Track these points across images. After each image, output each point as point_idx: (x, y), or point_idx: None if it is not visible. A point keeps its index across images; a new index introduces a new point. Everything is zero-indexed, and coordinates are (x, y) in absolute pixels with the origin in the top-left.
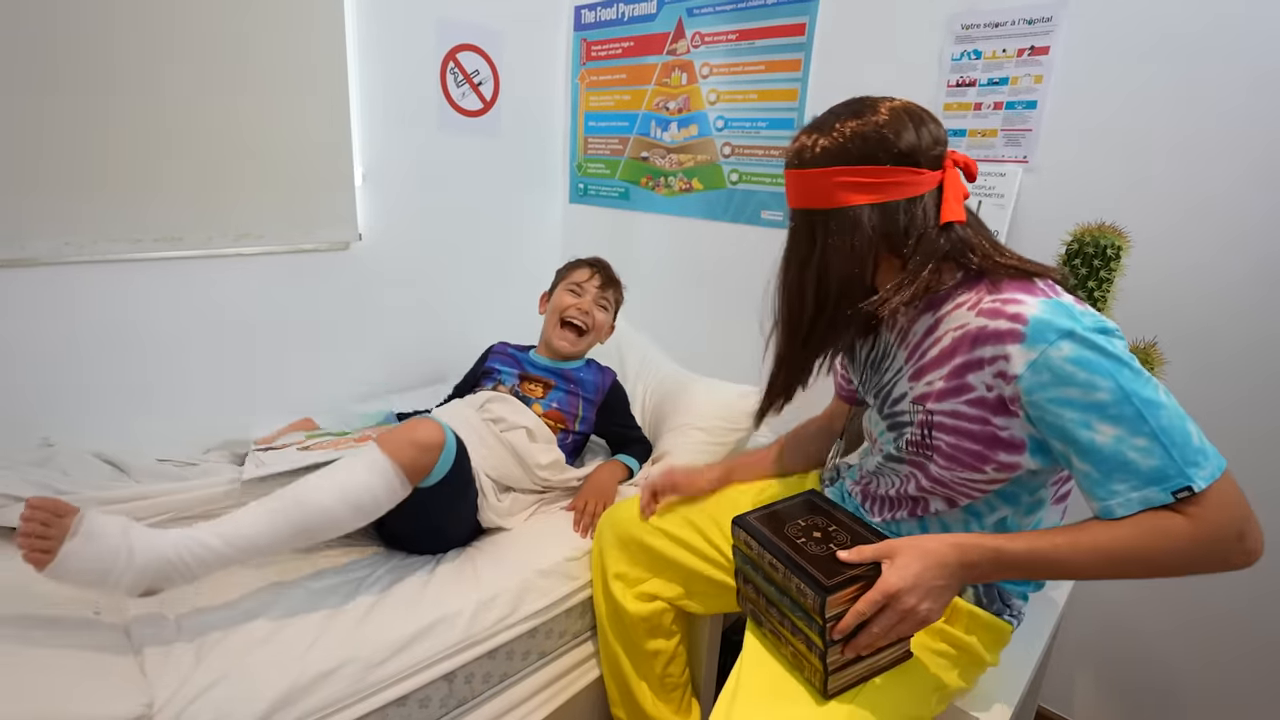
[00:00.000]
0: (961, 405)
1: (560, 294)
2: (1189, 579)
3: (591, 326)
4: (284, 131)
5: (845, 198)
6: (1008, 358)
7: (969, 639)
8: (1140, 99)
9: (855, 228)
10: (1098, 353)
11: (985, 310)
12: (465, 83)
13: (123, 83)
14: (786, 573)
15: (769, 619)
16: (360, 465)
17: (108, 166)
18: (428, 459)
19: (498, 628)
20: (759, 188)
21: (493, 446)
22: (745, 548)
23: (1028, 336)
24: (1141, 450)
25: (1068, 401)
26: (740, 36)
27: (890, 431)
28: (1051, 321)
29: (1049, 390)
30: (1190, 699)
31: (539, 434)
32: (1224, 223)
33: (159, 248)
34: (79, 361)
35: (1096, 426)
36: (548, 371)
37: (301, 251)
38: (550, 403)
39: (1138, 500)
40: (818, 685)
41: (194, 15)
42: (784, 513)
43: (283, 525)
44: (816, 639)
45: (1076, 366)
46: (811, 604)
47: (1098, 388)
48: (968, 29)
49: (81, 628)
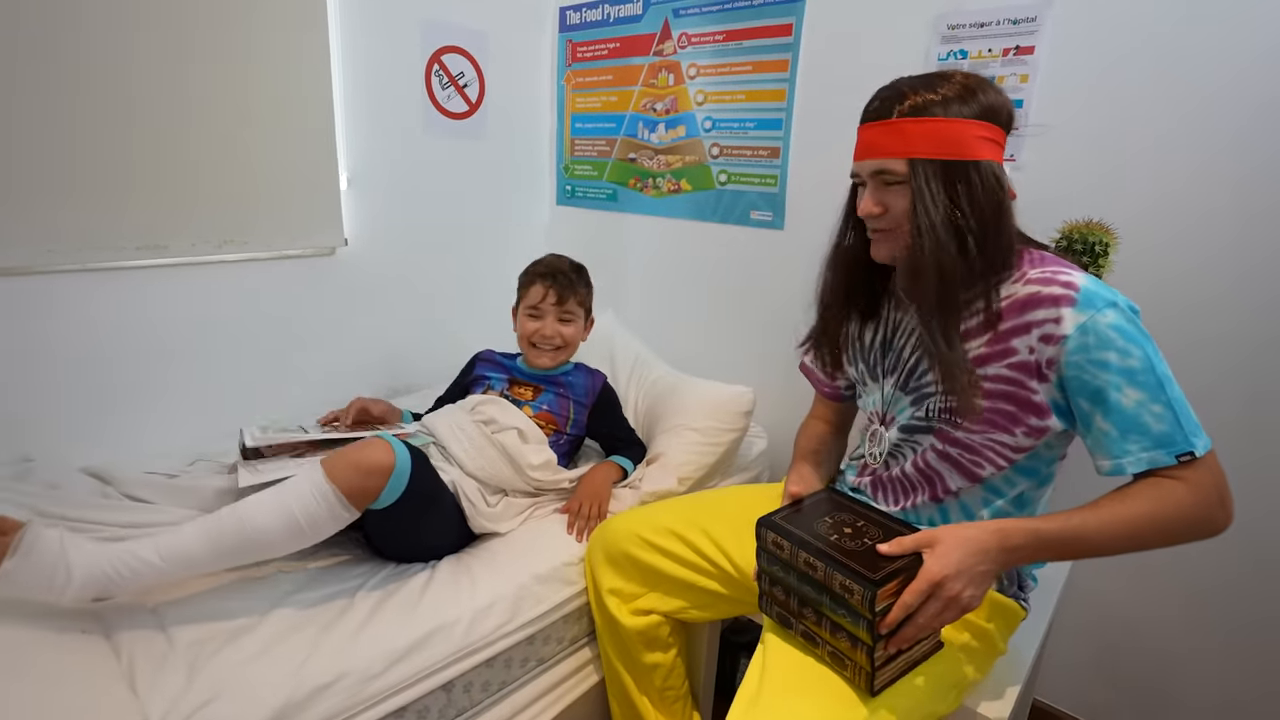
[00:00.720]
0: (1003, 369)
1: (523, 319)
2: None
3: (563, 344)
4: (268, 136)
5: (983, 151)
6: (1059, 320)
7: (989, 626)
8: (1125, 96)
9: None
10: (1134, 326)
11: (1035, 279)
12: (450, 85)
13: (102, 88)
14: (827, 570)
15: (802, 621)
16: (304, 489)
17: (88, 173)
18: (373, 484)
19: (495, 635)
20: (748, 188)
21: (484, 449)
22: (775, 549)
23: (1079, 302)
24: (1156, 416)
25: (1105, 364)
26: (727, 37)
27: (912, 406)
28: (1099, 292)
29: (1092, 352)
30: (1183, 688)
31: (530, 435)
32: (1210, 218)
33: (142, 255)
34: (61, 372)
35: (1125, 390)
36: (536, 377)
37: (287, 258)
38: (540, 405)
39: (1146, 460)
40: (863, 684)
41: (174, 19)
42: (809, 511)
43: (222, 545)
44: (864, 635)
45: (1117, 333)
46: (859, 600)
47: (1131, 355)
48: (954, 29)
49: (68, 646)
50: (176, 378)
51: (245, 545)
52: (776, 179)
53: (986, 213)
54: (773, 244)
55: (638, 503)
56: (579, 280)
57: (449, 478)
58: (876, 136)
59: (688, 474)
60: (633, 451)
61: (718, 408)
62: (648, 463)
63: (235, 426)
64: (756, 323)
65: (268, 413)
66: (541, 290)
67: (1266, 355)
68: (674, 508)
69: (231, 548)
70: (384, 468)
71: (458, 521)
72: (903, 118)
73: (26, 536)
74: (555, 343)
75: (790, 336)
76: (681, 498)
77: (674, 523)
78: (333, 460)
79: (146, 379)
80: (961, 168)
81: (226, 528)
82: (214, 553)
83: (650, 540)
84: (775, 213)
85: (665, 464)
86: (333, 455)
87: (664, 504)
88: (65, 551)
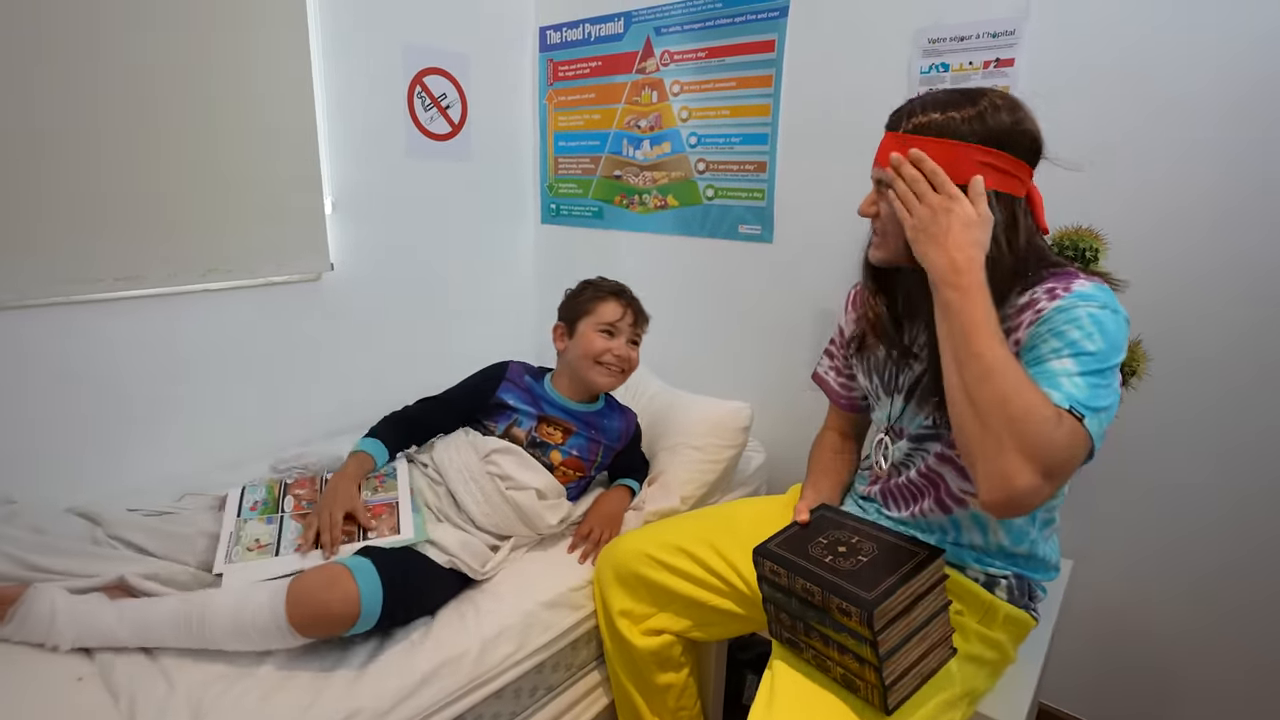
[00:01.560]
0: None
1: (590, 335)
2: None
3: (628, 369)
4: (250, 161)
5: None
6: (1044, 308)
7: (999, 637)
8: (1106, 105)
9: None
10: (1115, 327)
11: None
12: (433, 106)
13: (75, 117)
14: (824, 594)
15: (811, 645)
16: (264, 617)
17: (61, 203)
18: (338, 628)
19: (505, 665)
20: (735, 202)
21: (497, 505)
22: (774, 577)
23: (1071, 293)
24: (1075, 384)
25: (1060, 334)
26: (710, 54)
27: (920, 414)
28: (1096, 293)
29: (1054, 323)
30: (1186, 686)
31: (549, 492)
32: (1194, 222)
33: (119, 287)
34: (40, 408)
35: (1063, 356)
36: (568, 414)
37: (272, 285)
38: (570, 450)
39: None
40: (877, 702)
41: (154, 45)
42: (802, 534)
43: (181, 632)
44: (869, 655)
45: (1091, 320)
46: (858, 621)
47: (1093, 339)
48: (934, 43)
49: (63, 692)
50: (162, 410)
51: (200, 641)
52: (764, 193)
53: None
54: (762, 257)
55: (641, 523)
56: (647, 314)
57: (447, 545)
58: (884, 144)
59: (690, 493)
60: (640, 472)
61: (716, 425)
62: (649, 482)
63: (223, 458)
64: (749, 336)
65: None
66: (619, 308)
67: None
68: (682, 525)
69: (189, 638)
70: (349, 617)
71: (456, 580)
72: (907, 133)
73: (21, 608)
74: (624, 366)
75: (783, 348)
76: (689, 514)
77: (683, 540)
78: (295, 599)
79: (130, 412)
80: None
81: (190, 620)
82: (172, 636)
83: (660, 559)
84: (764, 226)
85: (667, 483)
86: (296, 590)
87: (672, 521)
88: (55, 618)
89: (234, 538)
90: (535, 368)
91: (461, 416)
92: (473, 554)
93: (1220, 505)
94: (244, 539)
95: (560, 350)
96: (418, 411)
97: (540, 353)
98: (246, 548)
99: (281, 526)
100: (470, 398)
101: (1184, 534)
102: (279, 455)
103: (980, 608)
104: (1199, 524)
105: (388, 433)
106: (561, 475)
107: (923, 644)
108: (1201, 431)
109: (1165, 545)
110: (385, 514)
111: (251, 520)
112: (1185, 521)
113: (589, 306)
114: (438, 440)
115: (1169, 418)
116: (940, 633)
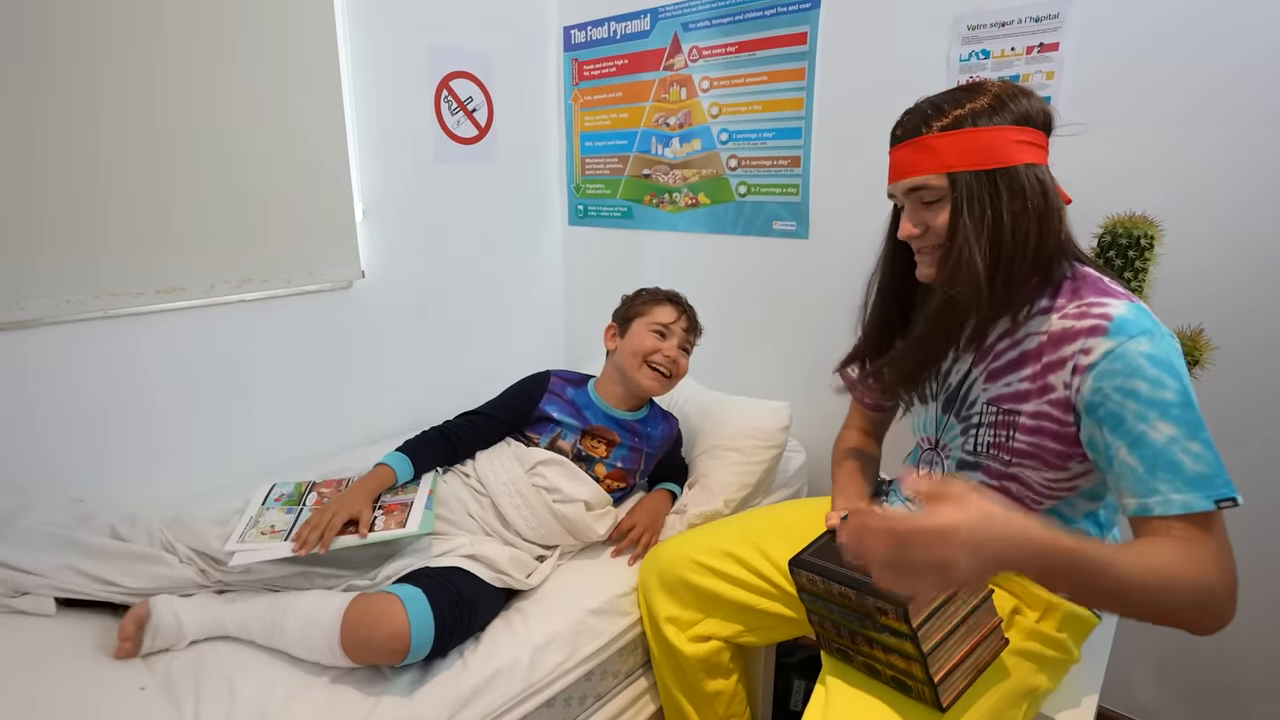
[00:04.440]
0: (1045, 405)
1: (642, 334)
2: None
3: (677, 373)
4: (282, 171)
5: (1023, 156)
6: (1089, 350)
7: (1061, 636)
8: (1155, 89)
9: (1043, 188)
10: (1173, 355)
11: (1071, 314)
12: (460, 110)
13: (115, 132)
14: (860, 596)
15: (858, 652)
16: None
17: (105, 219)
18: (387, 661)
19: (556, 673)
20: (769, 198)
21: (545, 520)
22: (812, 586)
23: (1111, 330)
24: (1194, 455)
25: (1133, 393)
26: (740, 49)
27: (963, 435)
28: (1135, 320)
29: (1118, 379)
30: (1255, 693)
31: (596, 503)
32: (1249, 207)
33: (161, 299)
34: (89, 419)
35: (1154, 423)
36: (613, 424)
37: (305, 293)
38: (615, 462)
39: (1179, 503)
40: (929, 699)
41: (185, 58)
42: (834, 541)
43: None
44: (912, 650)
45: (1149, 362)
46: (895, 617)
47: (1166, 386)
48: (974, 29)
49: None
50: (203, 420)
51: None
52: (799, 188)
53: (1030, 216)
54: (798, 253)
55: (685, 527)
56: (700, 326)
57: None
58: (908, 155)
59: (732, 495)
60: (679, 476)
61: (755, 425)
62: (689, 486)
63: (260, 467)
64: (785, 334)
65: (294, 453)
66: (674, 311)
67: None
68: (726, 529)
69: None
70: (397, 653)
71: (504, 595)
72: (933, 134)
73: (150, 624)
74: (672, 370)
75: (820, 346)
76: (732, 518)
77: (728, 544)
78: (350, 627)
79: (168, 424)
80: (1004, 175)
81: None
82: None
83: (705, 563)
84: (799, 222)
85: (708, 486)
86: (352, 617)
87: (715, 525)
88: (180, 623)
89: (252, 521)
90: (575, 375)
91: (504, 430)
92: (520, 567)
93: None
94: (261, 524)
95: (611, 350)
96: (459, 427)
97: (572, 355)
98: (261, 531)
99: (299, 519)
100: (513, 411)
101: (1253, 521)
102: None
103: (1040, 605)
104: (1270, 510)
105: (420, 451)
106: (605, 488)
107: (970, 637)
108: (1256, 419)
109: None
110: (397, 510)
111: (273, 509)
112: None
113: (644, 308)
114: (480, 451)
115: (1233, 403)
116: (988, 624)
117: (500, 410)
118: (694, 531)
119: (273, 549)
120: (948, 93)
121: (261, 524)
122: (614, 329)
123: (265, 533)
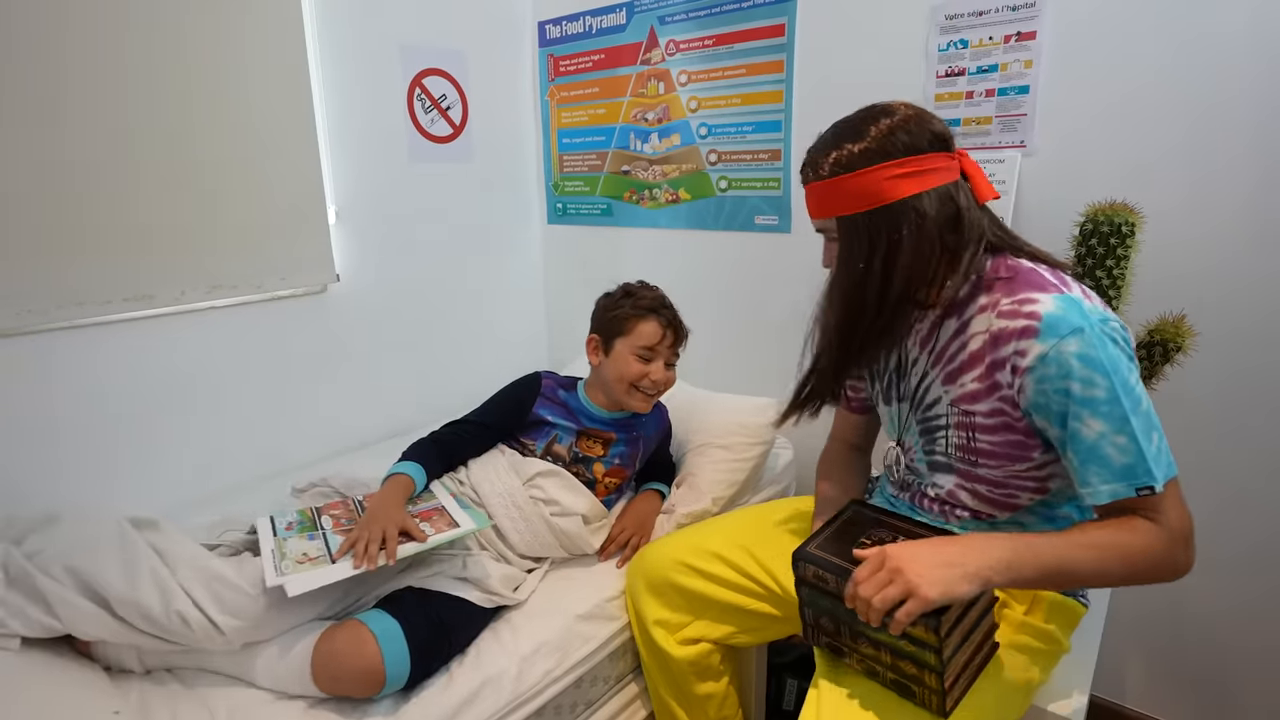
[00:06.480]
0: (997, 403)
1: (626, 358)
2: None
3: (665, 389)
4: (252, 175)
5: (901, 189)
6: (1024, 353)
7: (1049, 627)
8: (1132, 74)
9: (920, 217)
10: (1101, 350)
11: (1004, 312)
12: (433, 108)
13: (79, 135)
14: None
15: (857, 651)
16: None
17: (69, 225)
18: (367, 694)
19: (545, 682)
20: (750, 193)
21: (540, 533)
22: (817, 581)
23: (1041, 332)
24: (1119, 448)
25: (1068, 393)
26: (717, 41)
27: (923, 436)
28: (1064, 318)
29: (1054, 382)
30: (1247, 683)
31: (594, 516)
32: (1231, 191)
33: (129, 307)
34: (57, 432)
35: (1086, 420)
36: (607, 424)
37: (279, 299)
38: (613, 459)
39: (1106, 493)
40: (934, 705)
41: (152, 60)
42: (843, 534)
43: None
44: (931, 659)
45: (1080, 362)
46: (923, 628)
47: (1095, 385)
48: (952, 19)
49: None
50: (170, 429)
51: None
52: (780, 181)
53: (904, 247)
54: (780, 248)
55: (674, 527)
56: (686, 330)
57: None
58: (809, 198)
59: (721, 493)
60: (667, 474)
61: (742, 423)
62: (677, 484)
63: (234, 477)
64: (769, 329)
65: (269, 462)
66: (659, 329)
67: None
68: (713, 529)
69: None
70: (371, 686)
71: (490, 612)
72: (821, 180)
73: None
74: (663, 390)
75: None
76: (719, 518)
77: (715, 545)
78: (321, 663)
79: (138, 432)
80: (885, 213)
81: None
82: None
83: (693, 565)
84: (781, 216)
85: (696, 485)
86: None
87: (702, 526)
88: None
89: (276, 554)
90: (564, 378)
91: (497, 436)
92: (510, 583)
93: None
94: (289, 555)
95: (594, 365)
96: (450, 436)
97: (554, 357)
98: (296, 560)
99: (327, 541)
100: (506, 416)
101: (1239, 500)
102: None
103: (1025, 597)
104: (1254, 489)
105: (427, 459)
106: (604, 488)
107: (974, 641)
108: (1241, 403)
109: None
110: (435, 517)
111: (291, 538)
112: (1239, 486)
113: (627, 325)
114: (472, 460)
115: (1222, 382)
116: (988, 627)
117: (494, 417)
118: (680, 533)
119: (327, 573)
120: (836, 131)
121: (290, 555)
122: (596, 342)
123: (301, 561)
